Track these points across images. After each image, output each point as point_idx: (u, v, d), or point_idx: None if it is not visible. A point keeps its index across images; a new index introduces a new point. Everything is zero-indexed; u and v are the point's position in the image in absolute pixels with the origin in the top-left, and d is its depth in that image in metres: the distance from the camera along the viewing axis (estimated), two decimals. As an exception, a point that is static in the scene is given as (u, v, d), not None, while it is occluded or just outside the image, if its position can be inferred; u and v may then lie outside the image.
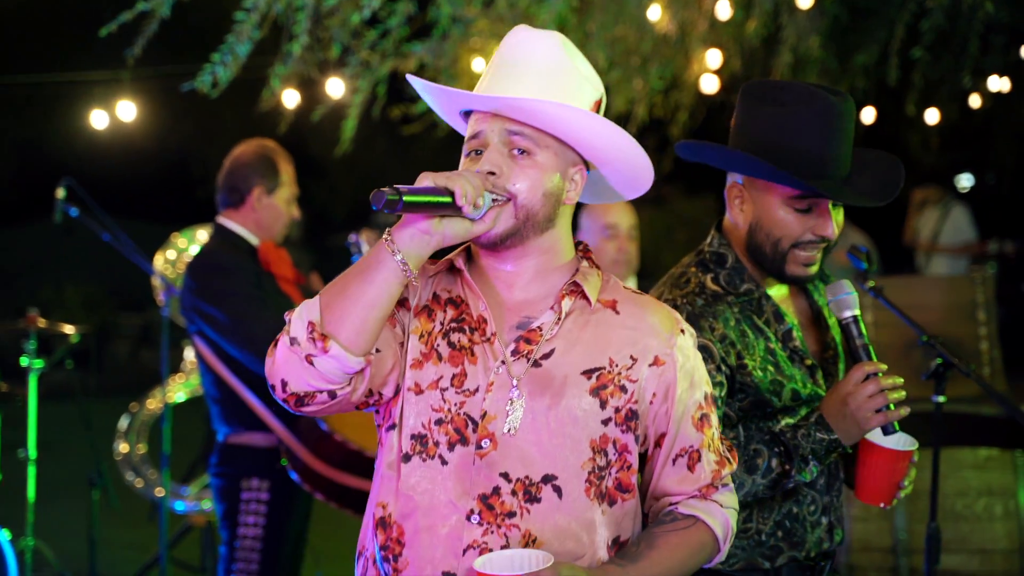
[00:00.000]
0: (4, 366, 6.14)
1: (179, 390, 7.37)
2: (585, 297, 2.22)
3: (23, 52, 15.22)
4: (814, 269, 2.73)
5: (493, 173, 2.14)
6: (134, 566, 6.64)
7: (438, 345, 2.19)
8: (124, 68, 7.22)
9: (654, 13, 7.05)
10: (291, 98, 7.49)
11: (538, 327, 2.18)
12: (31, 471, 5.97)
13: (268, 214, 4.37)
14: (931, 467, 3.36)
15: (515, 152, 2.16)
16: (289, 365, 2.05)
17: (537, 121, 2.15)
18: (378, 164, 18.91)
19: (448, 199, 2.02)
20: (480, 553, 2.09)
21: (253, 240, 4.35)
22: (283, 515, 4.18)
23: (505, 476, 2.12)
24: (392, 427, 2.20)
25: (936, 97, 10.35)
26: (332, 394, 2.08)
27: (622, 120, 8.64)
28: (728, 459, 2.31)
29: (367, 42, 7.09)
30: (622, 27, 7.47)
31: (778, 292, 2.81)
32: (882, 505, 2.67)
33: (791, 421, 2.70)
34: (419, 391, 2.18)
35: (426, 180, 2.03)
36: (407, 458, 2.16)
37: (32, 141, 19.44)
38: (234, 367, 4.18)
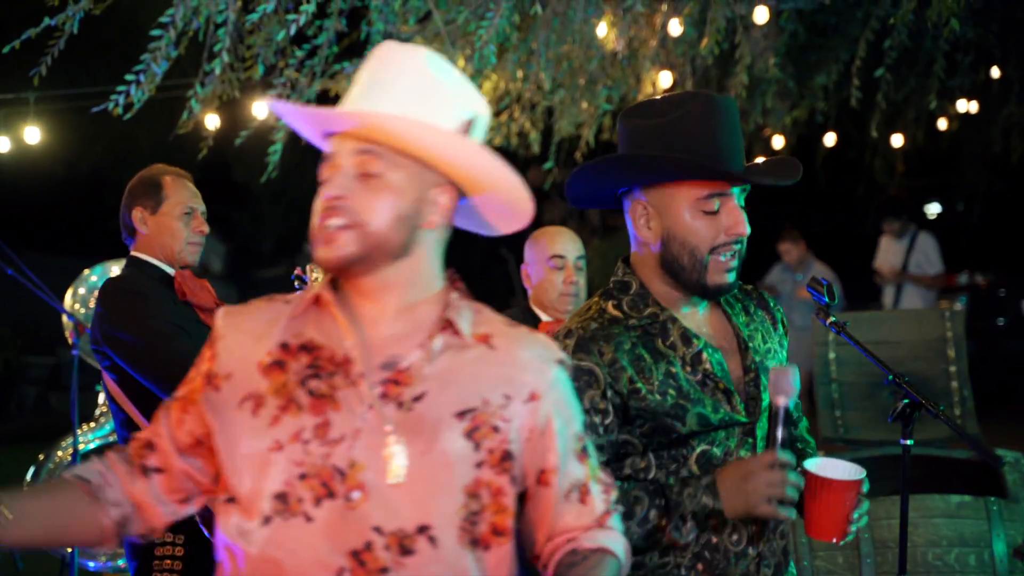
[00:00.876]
0: None
1: (91, 438, 7.29)
2: (457, 333, 2.21)
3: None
4: (733, 276, 2.78)
5: (339, 197, 2.13)
6: (41, 631, 6.54)
7: (296, 396, 2.15)
8: (29, 88, 7.17)
9: (601, 30, 7.12)
10: (212, 121, 7.48)
11: (407, 367, 2.16)
12: None
13: (159, 233, 4.36)
14: (900, 515, 3.39)
15: (364, 173, 2.13)
16: None
17: (388, 139, 2.12)
18: (308, 192, 18.86)
19: None
20: None
21: (168, 269, 4.34)
22: (200, 574, 4.14)
23: (378, 530, 2.09)
24: (231, 499, 2.18)
25: (901, 120, 10.54)
26: (121, 524, 2.28)
27: (567, 144, 8.70)
28: (610, 484, 2.36)
29: (294, 61, 7.08)
30: (568, 45, 7.54)
31: (694, 317, 2.85)
32: (834, 540, 2.70)
33: (708, 449, 2.74)
34: (279, 448, 2.13)
35: None
36: (267, 520, 2.12)
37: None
38: (145, 407, 4.15)
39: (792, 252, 11.33)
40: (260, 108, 7.54)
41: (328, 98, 8.21)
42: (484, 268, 19.07)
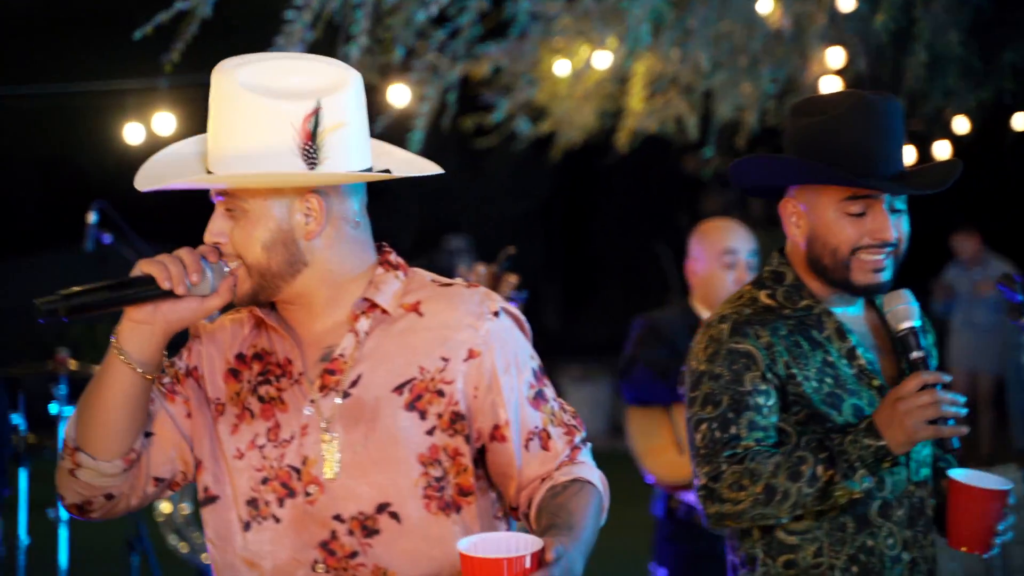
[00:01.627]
0: (31, 414, 6.23)
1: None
2: (383, 310, 2.37)
3: (47, 59, 15.57)
4: (885, 276, 2.88)
5: (219, 241, 2.33)
6: (174, 642, 6.72)
7: (248, 403, 2.39)
8: (161, 75, 7.37)
9: (764, 6, 7.05)
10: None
11: (340, 354, 2.35)
12: (63, 534, 6.08)
13: None
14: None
15: (228, 211, 2.33)
16: (60, 478, 2.38)
17: (231, 189, 2.31)
18: (448, 181, 19.04)
19: (150, 285, 2.22)
20: None
21: None
22: None
23: (338, 518, 2.32)
24: (210, 500, 2.42)
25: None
26: (108, 496, 2.37)
27: (728, 130, 8.64)
28: (575, 426, 2.47)
29: (435, 43, 7.16)
30: (728, 23, 7.48)
31: (847, 315, 2.96)
32: (978, 553, 2.81)
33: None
34: (240, 456, 2.38)
35: (137, 268, 2.24)
36: (247, 527, 2.38)
37: (58, 158, 19.86)
38: None
39: (966, 248, 11.11)
40: (399, 94, 7.64)
41: (470, 82, 8.28)
42: (635, 264, 19.02)
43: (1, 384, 4.93)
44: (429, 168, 2.52)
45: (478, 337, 2.36)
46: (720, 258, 4.85)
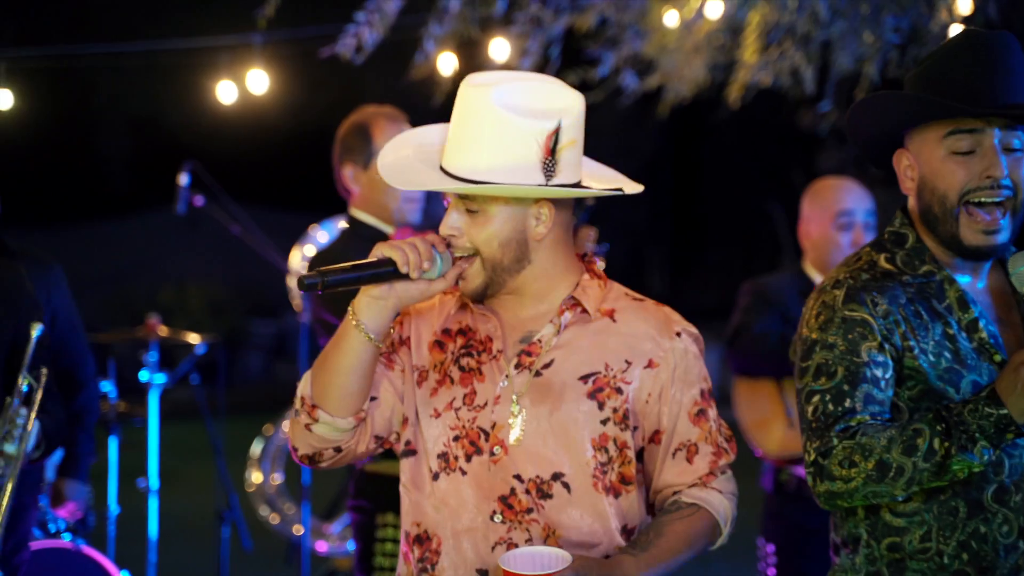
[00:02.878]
0: (121, 381, 6.31)
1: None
2: (584, 310, 2.83)
3: (137, 16, 15.76)
4: (1001, 238, 2.78)
5: (454, 235, 2.76)
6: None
7: (450, 371, 2.85)
8: (254, 32, 7.41)
9: (888, -50, 6.90)
10: (448, 63, 7.56)
11: (538, 340, 2.83)
12: (152, 504, 6.17)
13: (372, 191, 4.40)
14: None
15: (468, 211, 2.76)
16: (295, 432, 2.80)
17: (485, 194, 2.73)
18: (550, 139, 18.96)
19: (390, 267, 2.64)
20: (508, 548, 2.74)
21: (386, 229, 4.39)
22: None
23: (518, 477, 2.78)
24: (410, 453, 2.89)
25: None
26: (337, 449, 2.79)
27: (847, 83, 8.50)
28: (726, 450, 2.88)
29: (538, -5, 7.11)
30: (848, -32, 7.34)
31: (973, 285, 2.87)
32: None
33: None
34: (437, 415, 2.84)
35: (377, 251, 2.65)
36: (436, 476, 2.83)
37: (150, 118, 20.12)
38: None
39: None
40: (500, 48, 7.60)
41: (574, 34, 8.22)
42: (746, 225, 18.87)
43: (89, 350, 5.00)
44: (627, 185, 2.93)
45: (660, 351, 2.82)
46: (835, 219, 4.76)
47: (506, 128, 2.70)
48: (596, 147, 2.84)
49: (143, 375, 6.20)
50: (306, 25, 8.77)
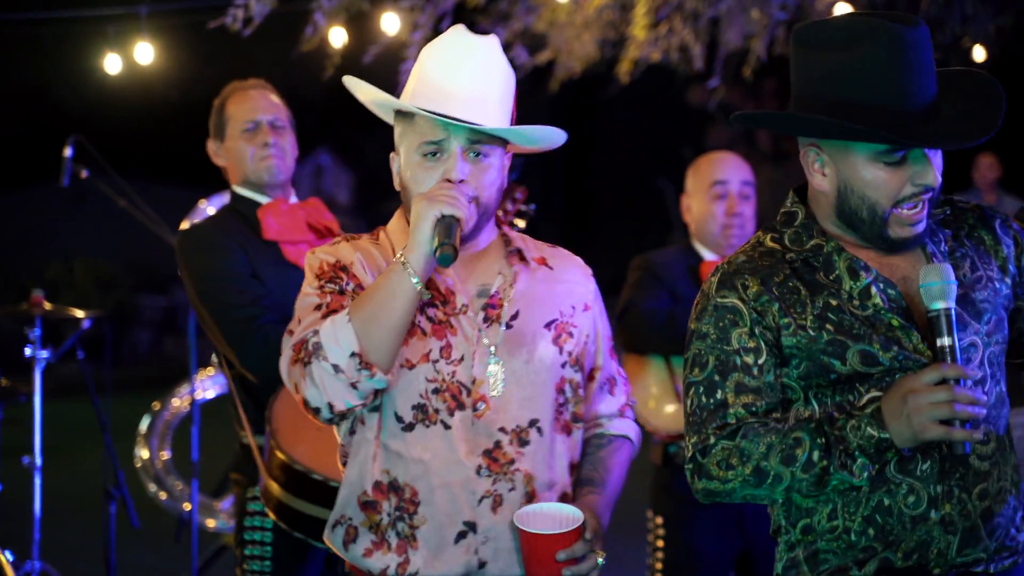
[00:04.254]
0: (5, 357, 6.23)
1: (209, 385, 7.46)
2: (525, 260, 2.96)
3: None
4: (922, 227, 2.72)
5: (463, 180, 2.80)
6: (157, 593, 6.75)
7: (419, 321, 2.84)
8: (141, 3, 7.30)
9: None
10: (338, 36, 7.52)
11: (496, 291, 2.90)
12: (37, 482, 6.08)
13: (232, 161, 4.35)
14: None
15: (473, 156, 2.84)
16: (334, 390, 2.71)
17: (500, 133, 2.86)
18: (442, 114, 18.91)
19: (457, 226, 2.69)
20: (494, 502, 2.82)
21: (261, 199, 4.30)
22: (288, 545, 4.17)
23: (503, 430, 2.84)
24: (376, 408, 2.84)
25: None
26: (363, 405, 2.76)
27: (735, 59, 8.58)
28: (627, 381, 3.16)
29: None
30: (736, -55, 7.40)
31: (869, 251, 2.79)
32: None
33: (878, 394, 2.67)
34: (411, 365, 2.83)
35: (431, 211, 2.69)
36: (410, 427, 2.83)
37: (34, 90, 19.76)
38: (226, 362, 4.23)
39: (986, 175, 11.11)
40: (391, 22, 7.57)
41: (465, 9, 8.21)
42: (637, 200, 18.99)
43: None
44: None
45: (589, 293, 3.02)
46: (709, 190, 4.78)
47: (510, 79, 2.91)
48: None
49: (27, 351, 6.09)
50: (194, -3, 8.67)
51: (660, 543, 4.73)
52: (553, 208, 20.60)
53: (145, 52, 7.95)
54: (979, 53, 9.08)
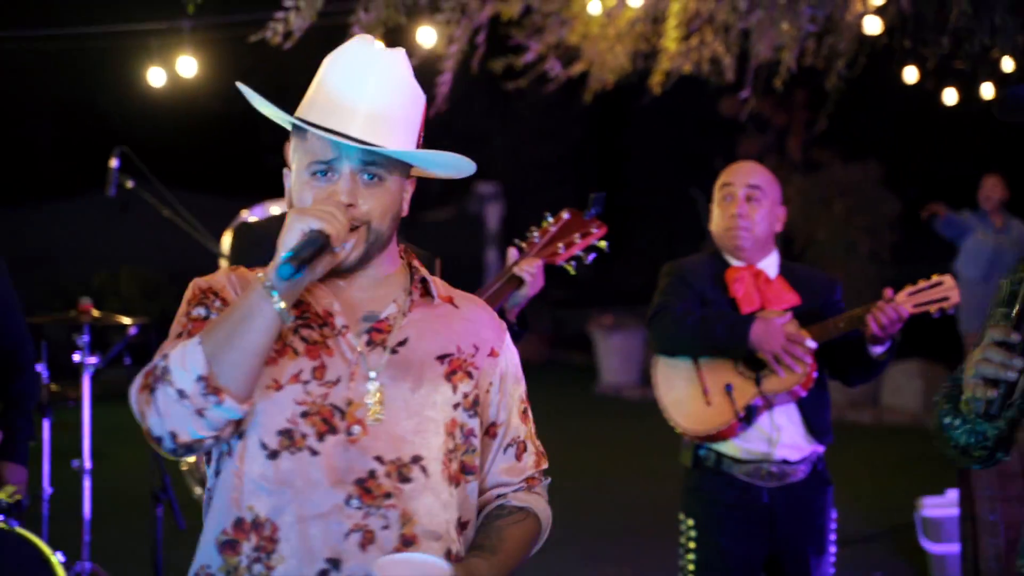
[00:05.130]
0: (54, 364, 6.28)
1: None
2: (428, 293, 2.72)
3: (69, 3, 15.55)
4: None
5: (351, 205, 2.55)
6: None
7: (291, 341, 2.58)
8: (184, 17, 7.36)
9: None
10: (377, 49, 7.55)
11: (385, 318, 2.65)
12: (86, 484, 6.14)
13: None
14: None
15: (366, 179, 2.59)
16: (178, 417, 2.44)
17: (399, 156, 2.61)
18: (477, 125, 19.00)
19: (323, 243, 2.43)
20: (364, 537, 2.51)
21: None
22: None
23: (379, 459, 2.55)
24: (241, 436, 2.56)
25: None
26: (216, 438, 2.49)
27: (765, 70, 8.59)
28: (544, 455, 2.85)
29: (464, -18, 7.11)
30: (766, -41, 7.41)
31: None
32: None
33: None
34: (279, 387, 2.55)
35: (298, 223, 2.43)
36: (275, 455, 2.54)
37: (80, 102, 19.89)
38: None
39: (992, 196, 11.06)
40: (427, 35, 7.61)
41: (500, 22, 8.24)
42: (669, 210, 18.95)
43: (29, 335, 4.98)
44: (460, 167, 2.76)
45: (500, 341, 2.77)
46: (717, 194, 4.77)
47: (416, 97, 2.67)
48: (521, 132, 2.82)
49: (76, 357, 6.16)
50: (236, 11, 8.73)
51: (691, 544, 4.74)
52: (586, 217, 20.58)
53: (188, 65, 8.01)
54: (1008, 64, 9.05)
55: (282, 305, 2.43)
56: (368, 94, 2.58)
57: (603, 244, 4.24)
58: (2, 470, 4.99)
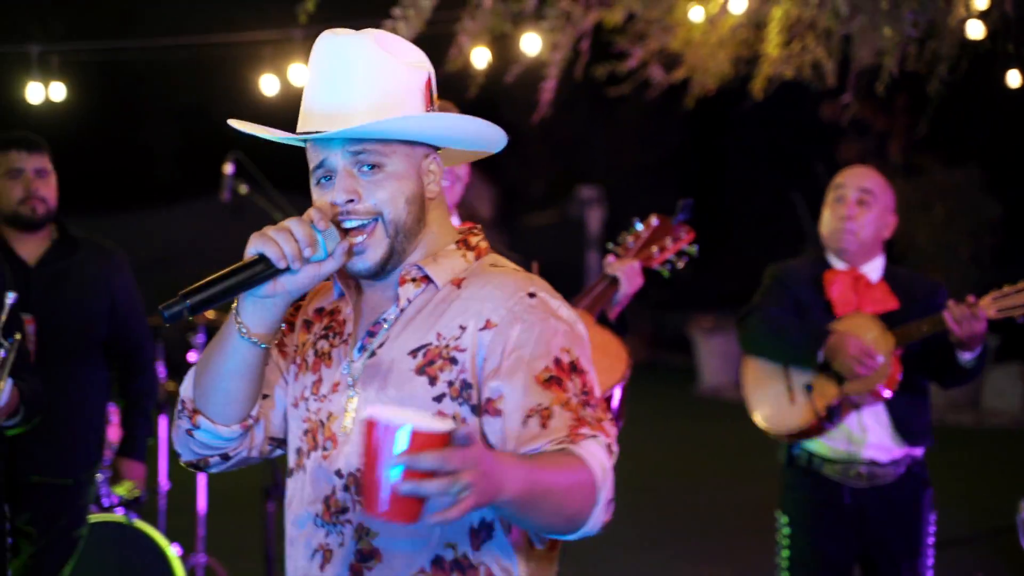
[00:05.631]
0: (171, 363, 6.38)
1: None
2: (430, 281, 2.40)
3: (182, 11, 15.81)
4: None
5: (352, 200, 2.33)
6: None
7: (306, 355, 2.49)
8: (295, 26, 7.43)
9: (907, -53, 6.87)
10: (481, 57, 7.58)
11: (384, 319, 2.41)
12: (202, 480, 6.22)
13: None
14: None
15: (364, 169, 2.34)
16: (177, 436, 2.46)
17: (379, 134, 2.33)
18: (579, 131, 18.99)
19: (268, 266, 2.22)
20: (324, 557, 2.36)
21: None
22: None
23: (338, 473, 2.36)
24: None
25: None
26: (224, 456, 2.44)
27: (867, 74, 8.48)
28: (593, 423, 2.24)
29: (569, -10, 7.11)
30: (868, -36, 7.31)
31: None
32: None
33: None
34: (296, 405, 2.48)
35: (250, 246, 2.23)
36: (291, 473, 2.47)
37: (195, 110, 20.20)
38: None
39: None
40: (531, 42, 7.60)
41: (602, 29, 8.22)
42: (769, 215, 18.78)
43: (150, 336, 5.07)
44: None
45: (501, 310, 2.33)
46: (829, 196, 4.72)
47: (396, 73, 2.36)
48: (623, 137, 2.68)
49: (191, 356, 6.25)
50: (345, 19, 8.80)
51: (786, 542, 4.72)
52: (687, 222, 20.50)
53: (300, 73, 8.08)
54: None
55: (243, 331, 2.28)
56: (326, 87, 2.35)
57: (693, 249, 4.29)
58: (122, 466, 5.08)
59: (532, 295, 2.35)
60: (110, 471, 5.16)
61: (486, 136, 2.44)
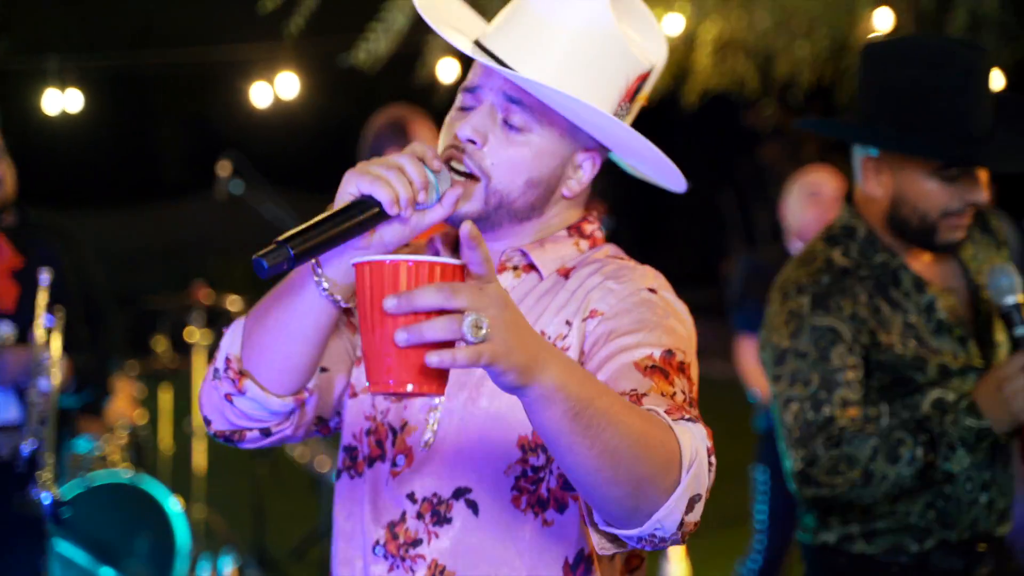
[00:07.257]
0: (173, 340, 6.33)
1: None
2: (534, 269, 1.82)
3: (188, 26, 15.59)
4: (963, 234, 2.58)
5: (474, 142, 1.75)
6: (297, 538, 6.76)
7: None
8: (283, 41, 7.31)
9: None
10: (448, 70, 7.45)
11: None
12: (198, 444, 6.15)
13: None
14: None
15: (507, 123, 1.76)
16: (209, 400, 1.78)
17: (545, 101, 1.74)
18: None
19: (375, 210, 1.60)
20: None
21: None
22: None
23: (411, 497, 1.76)
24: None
25: None
26: (265, 432, 1.77)
27: (785, 86, 8.42)
28: (688, 409, 1.61)
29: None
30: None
31: (921, 260, 2.64)
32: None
33: (942, 396, 2.52)
34: (354, 395, 1.84)
35: (347, 187, 1.61)
36: (338, 474, 1.86)
37: (198, 116, 19.99)
38: None
39: None
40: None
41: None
42: (699, 210, 18.76)
43: (116, 311, 4.59)
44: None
45: (610, 298, 1.74)
46: (802, 192, 4.82)
47: (613, 50, 1.75)
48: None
49: (191, 334, 6.18)
50: (335, 32, 8.69)
51: (763, 498, 4.69)
52: (625, 218, 20.50)
53: (289, 83, 7.96)
54: (997, 80, 8.81)
55: (325, 285, 1.64)
56: (542, 23, 1.74)
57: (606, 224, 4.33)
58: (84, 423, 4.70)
59: (652, 291, 1.76)
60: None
61: (663, 170, 1.88)
